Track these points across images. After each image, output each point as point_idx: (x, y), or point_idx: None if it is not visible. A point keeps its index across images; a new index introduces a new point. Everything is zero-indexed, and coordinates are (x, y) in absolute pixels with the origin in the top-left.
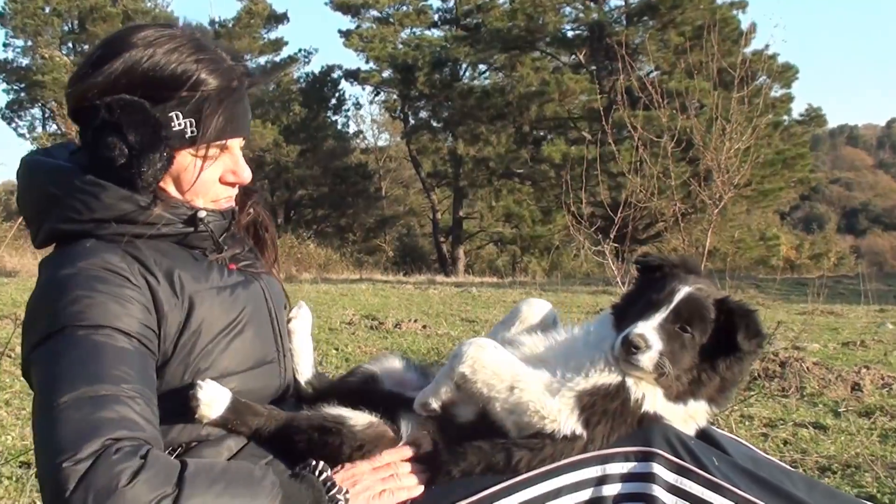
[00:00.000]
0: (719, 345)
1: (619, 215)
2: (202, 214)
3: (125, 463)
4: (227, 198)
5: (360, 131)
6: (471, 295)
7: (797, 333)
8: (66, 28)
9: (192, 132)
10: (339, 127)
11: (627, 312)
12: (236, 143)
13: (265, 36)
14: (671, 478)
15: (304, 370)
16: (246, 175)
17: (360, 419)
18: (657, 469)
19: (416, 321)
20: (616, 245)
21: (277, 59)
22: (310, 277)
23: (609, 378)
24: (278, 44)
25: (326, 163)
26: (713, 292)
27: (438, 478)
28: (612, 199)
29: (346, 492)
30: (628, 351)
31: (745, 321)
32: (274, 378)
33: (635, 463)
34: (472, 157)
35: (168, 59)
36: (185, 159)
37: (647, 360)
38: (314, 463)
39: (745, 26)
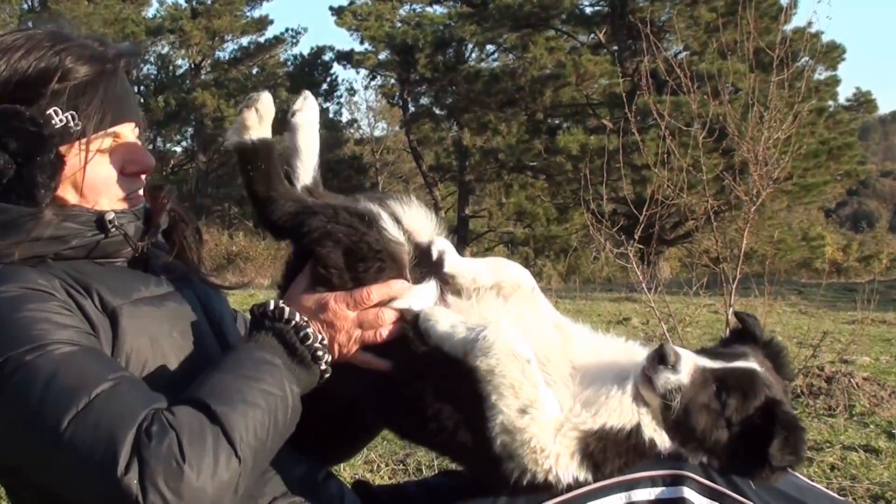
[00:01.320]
0: (750, 441)
1: (644, 213)
2: (110, 216)
3: (164, 441)
4: (134, 192)
5: (355, 120)
6: None
7: (845, 345)
8: (25, 6)
9: (74, 125)
10: (331, 115)
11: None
12: (128, 130)
13: (248, 14)
14: (703, 503)
15: (305, 174)
16: (148, 161)
17: (392, 229)
18: (688, 493)
19: None
20: (641, 247)
21: (261, 39)
22: None
23: (620, 419)
24: (262, 22)
25: None
26: (774, 389)
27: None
28: (636, 194)
29: (322, 340)
30: (653, 359)
31: (787, 434)
32: None
33: (663, 488)
34: (479, 149)
35: (27, 59)
36: (76, 157)
37: (663, 380)
38: (279, 307)
39: (784, 1)
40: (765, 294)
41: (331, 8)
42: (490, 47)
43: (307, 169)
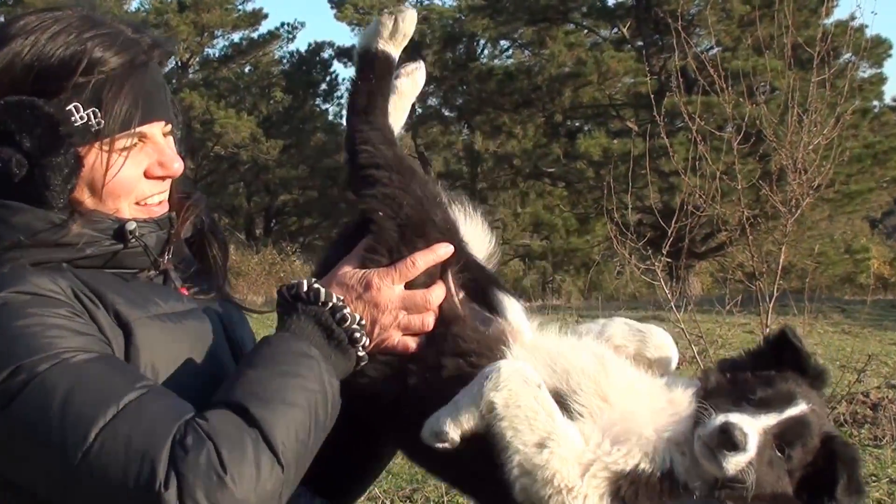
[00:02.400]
0: (814, 484)
1: (672, 224)
2: (131, 226)
3: (202, 452)
4: (157, 196)
5: None
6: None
7: (893, 369)
8: None
9: (96, 124)
10: (331, 117)
11: (728, 385)
12: (157, 129)
13: (240, 7)
14: None
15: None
16: (175, 166)
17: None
18: None
19: None
20: (669, 261)
21: (255, 35)
22: None
23: (655, 463)
24: (256, 16)
25: (314, 161)
26: (824, 421)
27: None
28: (663, 204)
29: (361, 321)
30: (722, 444)
31: (849, 471)
32: None
33: None
34: (492, 154)
35: (53, 44)
36: (96, 157)
37: (735, 463)
38: (313, 287)
39: None
40: (805, 312)
41: (330, 0)
42: (504, 43)
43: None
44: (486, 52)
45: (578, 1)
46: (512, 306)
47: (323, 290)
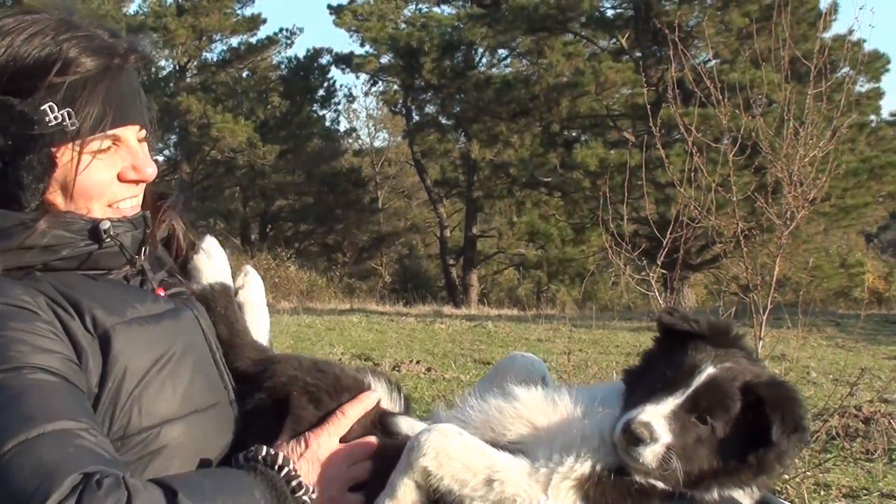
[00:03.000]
0: (750, 436)
1: (668, 236)
2: (106, 225)
3: (112, 496)
4: (129, 199)
5: (353, 129)
6: (486, 331)
7: (886, 383)
8: None
9: (70, 124)
10: (328, 123)
11: (641, 383)
12: (130, 133)
13: (238, 12)
14: None
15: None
16: (149, 171)
17: (348, 370)
18: None
19: (418, 362)
20: (664, 272)
21: (253, 40)
22: (290, 307)
23: (608, 459)
24: (254, 21)
25: (311, 167)
26: (743, 372)
27: None
28: (659, 215)
29: (311, 491)
30: (629, 441)
31: (781, 412)
32: (226, 424)
33: None
34: (488, 163)
35: (29, 45)
36: (69, 158)
37: (650, 454)
38: (271, 453)
39: (823, 6)
40: (799, 326)
41: (329, 6)
42: (502, 52)
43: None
44: (484, 60)
45: (577, 11)
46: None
47: (280, 455)
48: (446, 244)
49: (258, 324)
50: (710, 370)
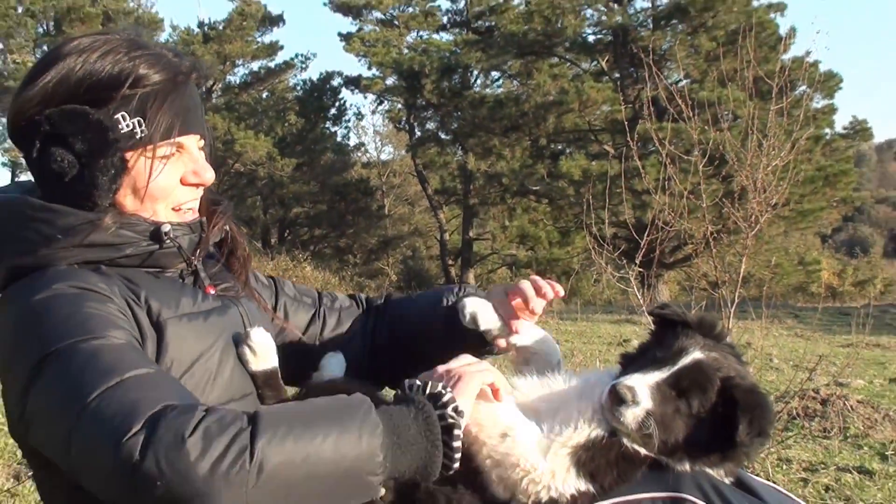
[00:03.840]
0: (718, 426)
1: (644, 238)
2: (166, 228)
3: (186, 415)
4: (190, 202)
5: (362, 144)
6: None
7: (840, 368)
8: (40, 30)
9: (141, 132)
10: (339, 139)
11: (633, 364)
12: (192, 142)
13: (259, 39)
14: None
15: None
16: (208, 175)
17: None
18: None
19: None
20: (641, 270)
21: (272, 64)
22: None
23: (602, 428)
24: (273, 48)
25: (324, 178)
26: (725, 365)
27: None
28: (636, 219)
29: (457, 408)
30: (613, 401)
31: (750, 417)
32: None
33: None
34: (483, 173)
35: (103, 61)
36: (139, 163)
37: (631, 416)
38: (417, 383)
39: (783, 31)
40: (762, 318)
41: (339, 34)
42: (495, 74)
43: None
44: (478, 81)
45: (562, 37)
46: None
47: (447, 394)
48: (446, 246)
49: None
50: (697, 355)
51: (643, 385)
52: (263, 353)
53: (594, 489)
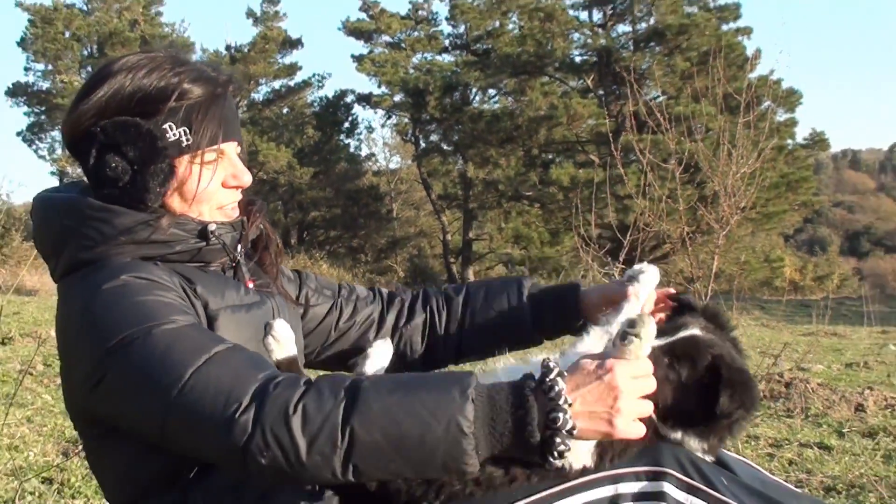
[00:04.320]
0: (703, 398)
1: (627, 238)
2: (212, 227)
3: (287, 390)
4: (232, 203)
5: (372, 154)
6: None
7: (802, 355)
8: (85, 52)
9: (187, 140)
10: (352, 150)
11: None
12: (231, 148)
13: (280, 61)
14: (681, 497)
15: None
16: (246, 178)
17: None
18: (668, 488)
19: None
20: (624, 267)
21: (292, 83)
22: None
23: None
24: (293, 68)
25: (339, 185)
26: (719, 346)
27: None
28: (619, 221)
29: (569, 404)
30: (623, 332)
31: (733, 388)
32: None
33: (646, 482)
34: (481, 180)
35: (150, 77)
36: (185, 168)
37: (635, 346)
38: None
39: (750, 52)
40: (732, 309)
41: (352, 55)
42: (492, 91)
43: None
44: (477, 98)
45: (552, 58)
46: None
47: (559, 386)
48: (448, 246)
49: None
50: (695, 332)
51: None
52: (285, 343)
53: (594, 466)
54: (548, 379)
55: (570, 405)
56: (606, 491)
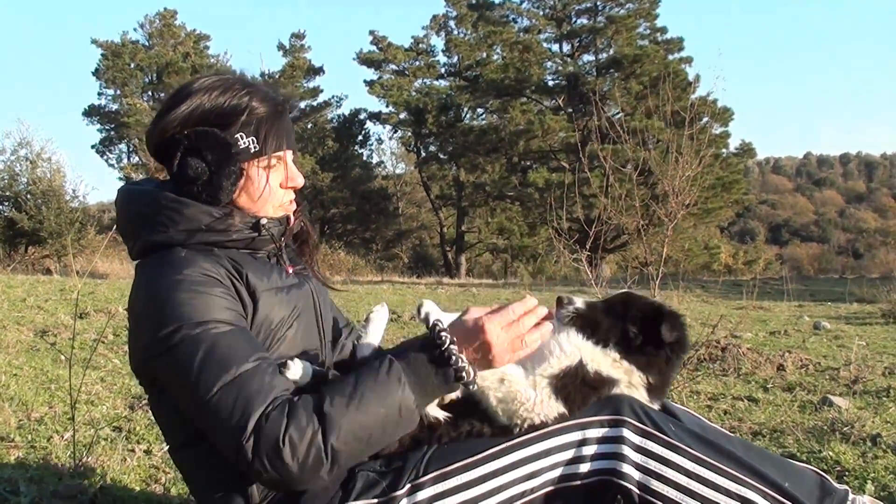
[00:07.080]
0: (648, 334)
1: (592, 230)
2: (264, 221)
3: (276, 425)
4: (289, 201)
5: (382, 162)
6: (471, 294)
7: (734, 325)
8: (146, 80)
9: (255, 147)
10: (365, 158)
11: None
12: (289, 155)
13: (305, 85)
14: (637, 440)
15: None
16: (299, 180)
17: None
18: (626, 433)
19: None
20: (590, 253)
21: (315, 103)
22: (340, 280)
23: (568, 360)
24: (315, 91)
25: (354, 187)
26: (652, 301)
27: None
28: (585, 216)
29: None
30: (558, 305)
31: (672, 322)
32: (316, 363)
33: (608, 428)
34: (471, 183)
35: (224, 97)
36: (252, 171)
37: (566, 312)
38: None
39: (691, 77)
40: (679, 288)
41: (365, 81)
42: (480, 110)
43: (367, 349)
44: (467, 116)
45: (529, 82)
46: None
47: (445, 336)
48: (444, 237)
49: (372, 337)
50: (626, 291)
51: (580, 300)
52: (299, 379)
53: (567, 411)
54: (444, 348)
55: (465, 361)
56: (576, 435)
